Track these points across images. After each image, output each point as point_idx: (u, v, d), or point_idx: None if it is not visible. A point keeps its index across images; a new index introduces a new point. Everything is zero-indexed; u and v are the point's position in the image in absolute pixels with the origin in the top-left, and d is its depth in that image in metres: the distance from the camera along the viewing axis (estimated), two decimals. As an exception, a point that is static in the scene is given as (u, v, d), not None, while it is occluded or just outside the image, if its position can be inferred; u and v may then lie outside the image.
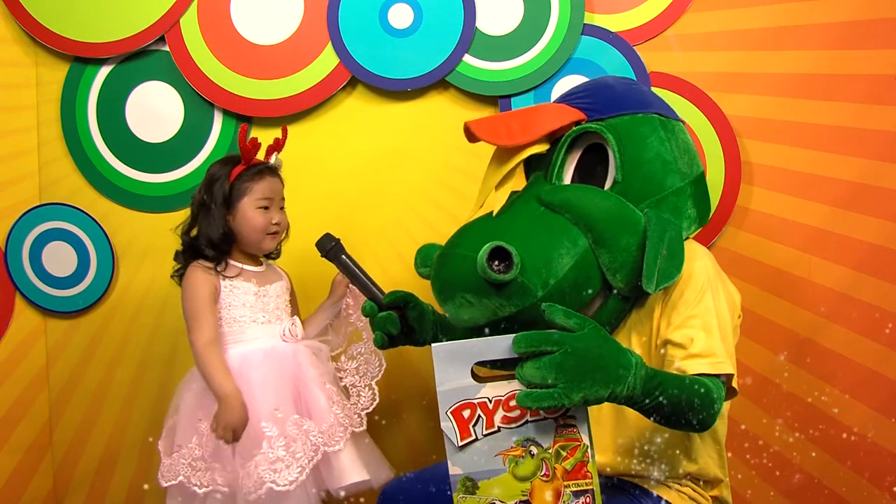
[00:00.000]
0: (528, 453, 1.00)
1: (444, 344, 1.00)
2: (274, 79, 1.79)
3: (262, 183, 1.51)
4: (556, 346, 0.95)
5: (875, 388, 1.68)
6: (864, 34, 1.68)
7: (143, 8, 1.78)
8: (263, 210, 1.51)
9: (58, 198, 1.84)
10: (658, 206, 1.22)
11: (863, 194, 1.68)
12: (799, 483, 1.71)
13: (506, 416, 1.00)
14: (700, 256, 1.21)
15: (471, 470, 1.01)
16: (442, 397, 1.00)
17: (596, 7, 1.76)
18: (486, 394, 1.00)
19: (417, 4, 1.77)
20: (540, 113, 1.29)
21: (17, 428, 1.85)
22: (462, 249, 1.17)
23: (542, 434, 1.00)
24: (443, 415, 1.00)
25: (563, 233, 1.17)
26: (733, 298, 1.23)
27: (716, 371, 1.10)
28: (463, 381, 1.00)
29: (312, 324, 1.59)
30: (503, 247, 1.12)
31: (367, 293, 1.39)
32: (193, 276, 1.48)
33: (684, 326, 1.14)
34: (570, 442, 1.00)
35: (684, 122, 1.34)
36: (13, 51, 1.82)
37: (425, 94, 1.80)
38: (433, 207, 1.81)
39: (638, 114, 1.27)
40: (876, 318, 1.67)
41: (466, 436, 1.01)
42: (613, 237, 1.16)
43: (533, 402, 0.94)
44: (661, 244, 1.14)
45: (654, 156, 1.24)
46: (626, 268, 1.15)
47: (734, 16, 1.73)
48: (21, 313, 1.86)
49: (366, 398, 1.50)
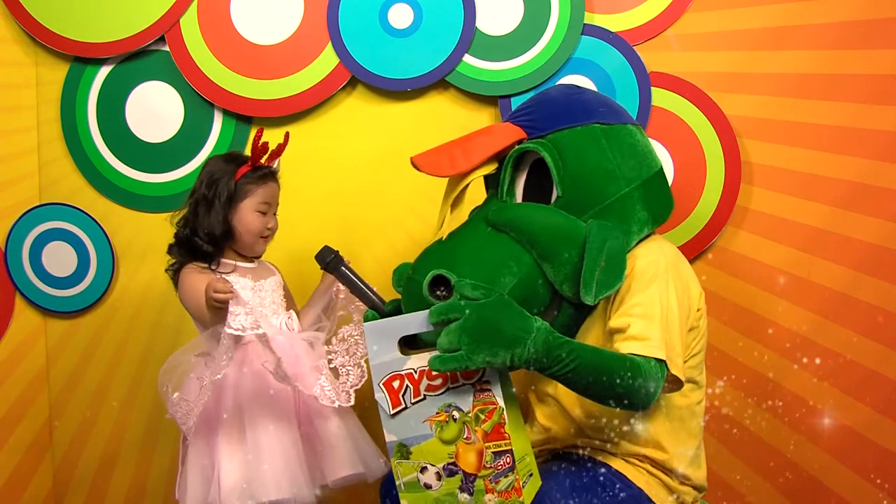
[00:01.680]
0: (450, 418, 1.10)
1: (375, 322, 1.12)
2: (274, 79, 1.79)
3: (264, 187, 1.53)
4: (460, 314, 1.05)
5: (875, 388, 1.68)
6: (864, 34, 1.68)
7: (143, 8, 1.78)
8: (261, 214, 1.52)
9: (58, 198, 1.84)
10: (602, 214, 1.26)
11: (863, 194, 1.68)
12: (799, 483, 1.71)
13: (430, 385, 1.10)
14: (650, 252, 1.25)
15: (403, 436, 1.11)
16: (374, 370, 1.11)
17: (596, 7, 1.76)
18: (412, 365, 1.10)
19: (417, 4, 1.77)
20: (480, 137, 1.32)
21: (17, 428, 1.86)
22: (417, 275, 1.24)
23: (461, 399, 1.09)
24: (376, 386, 1.11)
25: (508, 252, 1.22)
26: (689, 293, 1.25)
27: (647, 353, 1.13)
28: (392, 354, 1.11)
29: (307, 315, 1.59)
30: (443, 274, 1.19)
31: (368, 302, 1.40)
32: (192, 278, 1.47)
33: (625, 314, 1.19)
34: (487, 405, 1.09)
35: (635, 123, 1.35)
36: (13, 51, 1.83)
37: (425, 94, 1.80)
38: (433, 207, 1.78)
39: (577, 126, 1.29)
40: (876, 318, 1.68)
41: (397, 405, 1.11)
42: (555, 251, 1.20)
43: (441, 364, 1.04)
44: (599, 255, 1.18)
45: (593, 167, 1.27)
46: (571, 279, 1.19)
47: (734, 16, 1.73)
48: (21, 313, 1.86)
49: (354, 376, 1.50)
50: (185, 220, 1.53)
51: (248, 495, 1.37)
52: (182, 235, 1.52)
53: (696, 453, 1.31)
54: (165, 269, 1.55)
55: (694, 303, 1.26)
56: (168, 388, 1.42)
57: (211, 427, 1.44)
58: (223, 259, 1.53)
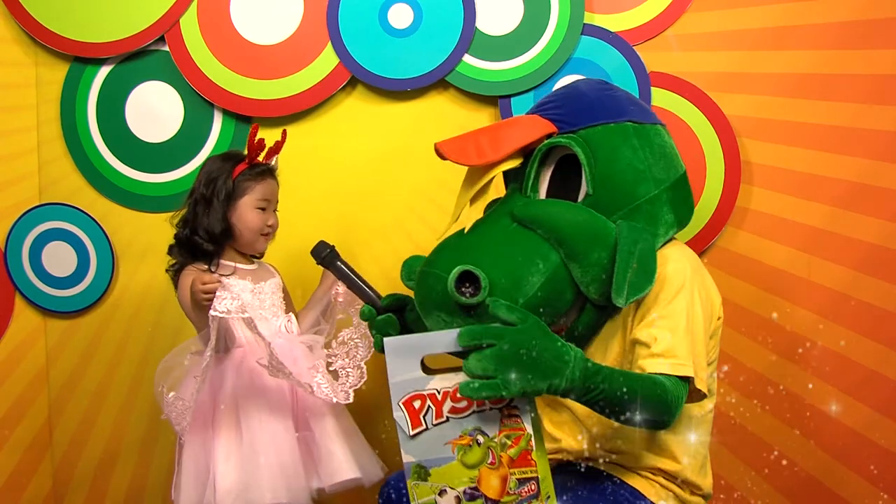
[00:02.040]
0: (475, 442, 1.05)
1: (396, 338, 1.06)
2: (274, 79, 1.79)
3: (262, 184, 1.53)
4: (496, 340, 1.00)
5: (875, 388, 1.68)
6: (863, 34, 1.68)
7: (143, 8, 1.78)
8: (260, 211, 1.52)
9: (58, 198, 1.84)
10: (631, 215, 1.21)
11: (863, 194, 1.68)
12: (798, 483, 1.71)
13: (453, 407, 1.05)
14: (678, 259, 1.21)
15: (422, 458, 1.06)
16: (394, 388, 1.06)
17: (596, 7, 1.76)
18: (435, 385, 1.05)
19: (417, 4, 1.77)
20: (510, 128, 1.28)
21: (17, 428, 1.85)
22: (435, 268, 1.19)
23: (487, 424, 1.05)
24: (395, 405, 1.06)
25: (535, 249, 1.17)
26: (712, 301, 1.23)
27: (674, 372, 1.10)
28: (413, 373, 1.06)
29: (306, 317, 1.59)
30: (471, 270, 1.13)
31: (365, 297, 1.39)
32: (189, 279, 1.47)
33: (651, 325, 1.15)
34: (514, 431, 1.05)
35: (663, 124, 1.32)
36: (13, 51, 1.83)
37: (425, 94, 1.80)
38: (433, 207, 1.81)
39: (610, 123, 1.25)
40: (876, 318, 1.68)
41: (417, 425, 1.06)
42: (584, 251, 1.16)
43: (473, 392, 0.99)
44: (631, 257, 1.14)
45: (625, 166, 1.23)
46: (599, 281, 1.15)
47: (734, 16, 1.73)
48: (21, 313, 1.86)
49: (354, 377, 1.49)
50: (185, 221, 1.53)
51: (244, 498, 1.37)
52: (182, 235, 1.52)
53: (704, 461, 1.28)
54: (166, 269, 1.55)
55: (716, 311, 1.24)
56: (164, 389, 1.41)
57: (206, 429, 1.43)
58: (223, 261, 1.53)
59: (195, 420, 1.42)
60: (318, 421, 1.48)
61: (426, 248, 1.83)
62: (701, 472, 1.27)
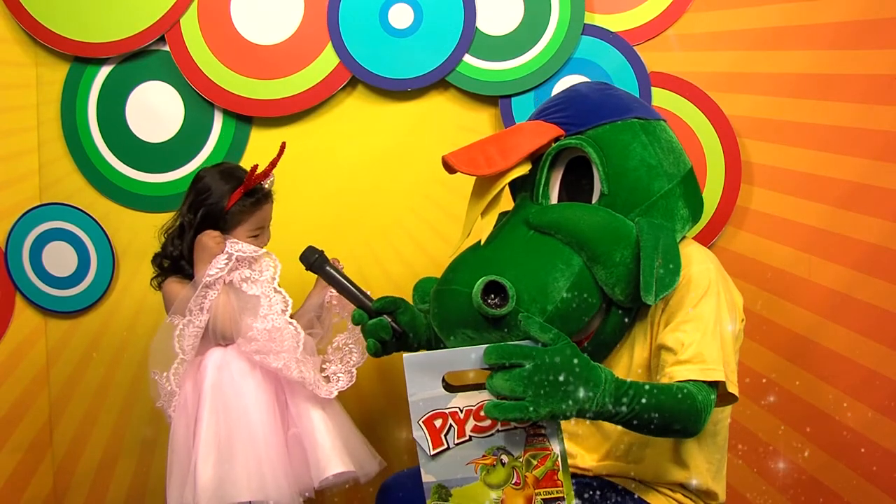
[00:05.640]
0: (499, 462, 1.02)
1: (416, 354, 1.02)
2: (274, 79, 1.79)
3: (259, 213, 1.48)
4: (525, 360, 0.95)
5: (875, 388, 1.68)
6: (863, 34, 1.68)
7: (143, 8, 1.78)
8: (253, 238, 1.48)
9: (58, 198, 1.84)
10: (648, 212, 1.20)
11: (863, 194, 1.68)
12: (798, 482, 1.71)
13: (477, 426, 1.01)
14: (702, 260, 1.19)
15: (443, 478, 1.02)
16: (413, 407, 1.01)
17: (596, 7, 1.76)
18: (457, 403, 1.01)
19: (417, 4, 1.78)
20: (517, 135, 1.26)
21: (17, 428, 1.85)
22: (456, 285, 1.16)
23: (512, 443, 1.01)
24: (415, 424, 1.02)
25: (556, 255, 1.15)
26: (735, 302, 1.21)
27: (705, 378, 1.08)
28: (434, 390, 1.01)
29: (301, 321, 1.58)
30: (497, 281, 1.10)
31: (355, 301, 1.37)
32: (177, 290, 1.46)
33: (678, 330, 1.12)
34: (540, 451, 1.01)
35: (664, 119, 1.31)
36: (13, 51, 1.82)
37: (425, 94, 1.80)
38: (433, 207, 1.81)
39: (616, 121, 1.24)
40: (876, 318, 1.68)
41: (438, 444, 1.02)
42: (607, 253, 1.13)
43: (501, 413, 0.95)
44: (655, 253, 1.11)
45: (638, 163, 1.21)
46: (624, 281, 1.13)
47: (734, 16, 1.73)
48: (21, 313, 1.86)
49: (343, 381, 1.48)
50: (172, 239, 1.50)
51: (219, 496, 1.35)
52: (168, 254, 1.50)
53: (720, 466, 1.26)
54: (150, 280, 1.53)
55: (739, 312, 1.22)
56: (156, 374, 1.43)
57: (190, 427, 1.43)
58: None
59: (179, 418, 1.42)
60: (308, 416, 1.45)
61: (426, 248, 1.84)
62: (716, 479, 1.25)
